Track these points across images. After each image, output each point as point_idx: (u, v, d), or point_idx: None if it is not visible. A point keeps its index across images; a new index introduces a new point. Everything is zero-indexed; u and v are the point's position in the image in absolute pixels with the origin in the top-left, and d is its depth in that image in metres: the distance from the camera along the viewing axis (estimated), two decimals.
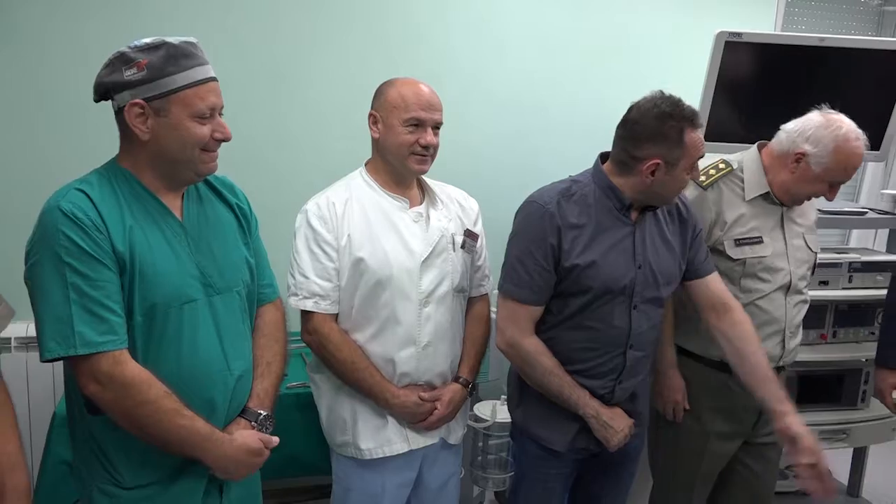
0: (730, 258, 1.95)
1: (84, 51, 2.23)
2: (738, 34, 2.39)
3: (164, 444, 1.32)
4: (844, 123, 1.88)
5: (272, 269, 1.62)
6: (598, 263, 1.68)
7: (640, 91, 3.01)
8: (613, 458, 1.86)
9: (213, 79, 1.33)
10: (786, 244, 1.99)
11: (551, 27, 2.94)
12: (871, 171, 3.72)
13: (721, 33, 2.40)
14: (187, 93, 1.29)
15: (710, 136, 2.39)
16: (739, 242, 1.95)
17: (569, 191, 1.72)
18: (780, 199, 1.98)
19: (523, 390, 1.86)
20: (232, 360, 1.41)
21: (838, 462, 3.11)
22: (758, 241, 1.95)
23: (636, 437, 1.88)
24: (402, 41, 2.74)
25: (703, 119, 2.44)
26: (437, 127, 1.75)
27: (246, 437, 1.41)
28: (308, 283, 1.74)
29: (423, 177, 1.86)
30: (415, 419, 1.80)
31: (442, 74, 2.79)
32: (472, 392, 1.91)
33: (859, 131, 1.88)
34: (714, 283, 1.85)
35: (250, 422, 1.45)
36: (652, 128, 1.61)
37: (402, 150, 1.74)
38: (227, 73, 1.49)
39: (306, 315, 1.77)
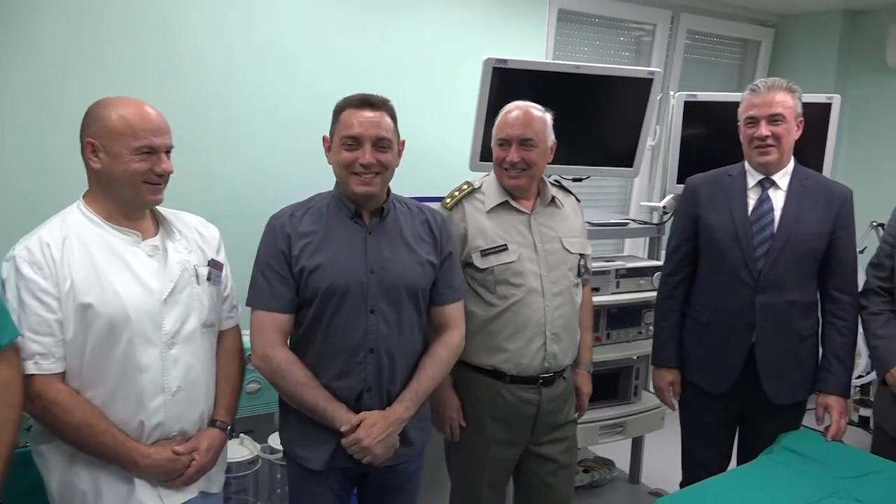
0: (479, 269, 2.04)
1: None
2: (504, 60, 2.55)
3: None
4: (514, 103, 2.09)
5: None
6: (323, 266, 1.74)
7: (425, 111, 3.14)
8: (386, 480, 1.87)
9: None
10: (536, 249, 2.09)
11: (340, 46, 2.96)
12: (638, 186, 4.12)
13: (488, 60, 2.54)
14: None
15: (484, 157, 2.54)
16: (485, 252, 2.04)
17: (307, 204, 1.84)
18: (517, 195, 2.10)
19: (285, 410, 1.83)
20: None
21: (620, 453, 3.40)
22: (503, 248, 2.05)
23: (408, 457, 1.88)
24: (174, 60, 2.61)
25: (477, 140, 2.62)
26: (169, 151, 1.63)
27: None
28: (23, 343, 1.50)
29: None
30: (171, 476, 1.63)
31: (223, 94, 2.73)
32: (232, 433, 1.81)
33: (521, 104, 2.07)
34: (451, 309, 1.93)
35: None
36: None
37: (135, 181, 1.57)
38: None
39: (26, 379, 1.50)
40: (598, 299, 2.77)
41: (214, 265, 1.75)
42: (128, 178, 1.57)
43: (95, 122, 1.56)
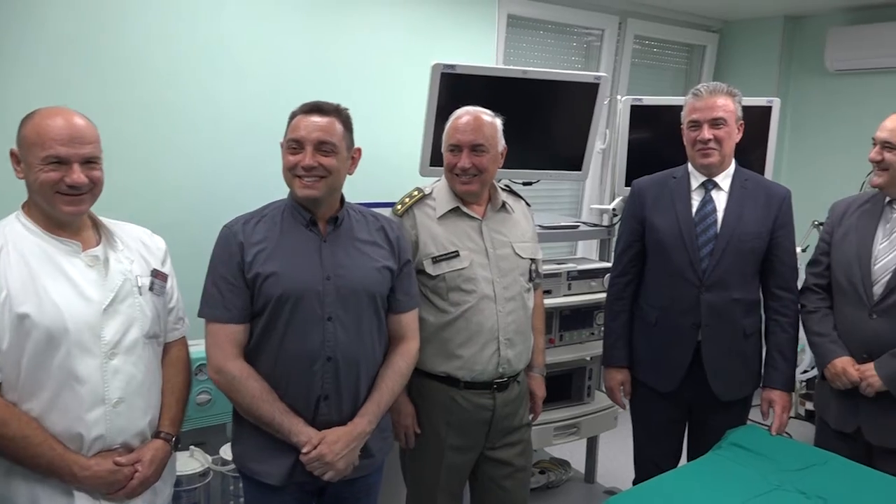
0: (431, 276, 2.04)
1: None
2: (452, 66, 2.56)
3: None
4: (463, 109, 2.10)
5: None
6: (278, 273, 1.73)
7: (375, 116, 3.14)
8: (345, 493, 1.86)
9: None
10: (487, 255, 2.10)
11: (289, 51, 2.94)
12: (589, 189, 4.18)
13: (437, 65, 2.55)
14: None
15: (434, 162, 2.54)
16: (437, 259, 2.05)
17: (261, 213, 1.83)
18: (468, 201, 2.10)
19: (240, 423, 1.80)
20: None
21: (576, 453, 3.44)
22: (454, 255, 2.05)
23: (369, 469, 1.87)
24: (118, 66, 2.56)
25: (427, 146, 2.63)
26: (90, 161, 1.57)
27: None
28: None
29: (101, 217, 1.70)
30: (112, 489, 1.58)
31: (170, 100, 2.69)
32: (178, 446, 1.75)
33: (471, 109, 2.07)
34: (408, 318, 1.94)
35: None
36: None
37: (45, 191, 1.53)
38: None
39: None
40: (550, 301, 2.80)
41: (157, 276, 1.72)
42: (38, 188, 1.54)
43: (19, 132, 1.56)
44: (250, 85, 2.85)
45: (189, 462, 2.35)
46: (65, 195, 1.54)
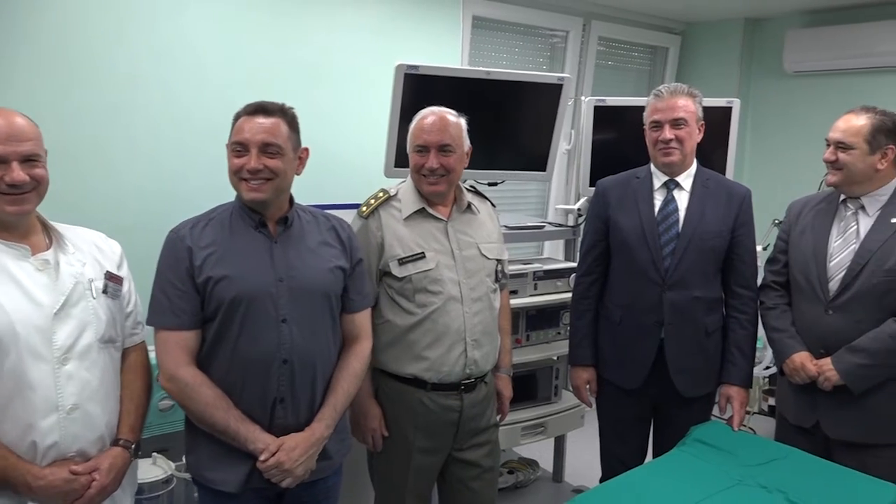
0: (397, 277, 2.04)
1: None
2: (416, 66, 2.55)
3: None
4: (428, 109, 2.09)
5: None
6: (230, 276, 1.71)
7: (339, 117, 3.12)
8: (304, 498, 1.84)
9: None
10: (454, 256, 2.10)
11: (251, 52, 2.91)
12: (556, 190, 4.20)
13: (400, 66, 2.54)
14: None
15: (399, 163, 2.54)
16: (403, 261, 2.04)
17: (208, 216, 1.80)
18: (434, 202, 2.10)
19: (193, 432, 1.77)
20: None
21: (544, 453, 3.45)
22: (420, 256, 2.05)
23: (327, 471, 1.85)
24: (75, 66, 2.51)
25: (392, 146, 2.62)
26: (30, 159, 1.53)
27: None
28: None
29: (54, 222, 1.66)
30: (68, 499, 1.53)
31: (128, 101, 2.65)
32: (138, 453, 1.71)
33: (436, 109, 2.07)
34: (361, 317, 1.93)
35: None
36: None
37: None
38: None
39: None
40: (516, 302, 2.81)
41: (112, 278, 1.68)
42: None
43: None
44: (212, 86, 2.81)
45: (151, 469, 2.32)
46: (6, 195, 1.51)
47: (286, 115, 1.78)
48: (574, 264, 2.91)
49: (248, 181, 1.73)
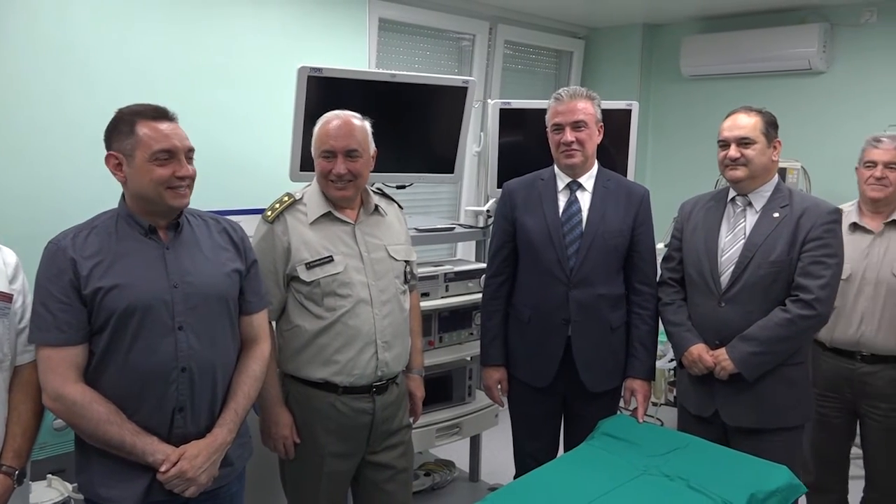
0: (305, 282, 2.01)
1: None
2: (319, 69, 2.52)
3: None
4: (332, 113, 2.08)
5: None
6: (121, 285, 1.64)
7: (242, 121, 3.03)
8: None
9: None
10: (362, 259, 2.08)
11: (146, 53, 2.80)
12: (467, 191, 4.24)
13: (303, 68, 2.50)
14: None
15: (305, 167, 2.50)
16: (311, 265, 2.02)
17: (90, 224, 1.72)
18: (341, 206, 2.08)
19: (83, 449, 1.70)
20: None
21: (460, 453, 3.47)
22: (328, 260, 2.03)
23: (228, 478, 1.81)
24: None
25: (296, 150, 2.58)
26: None
27: None
28: None
29: None
30: None
31: (10, 103, 2.50)
32: (22, 480, 1.62)
33: (340, 113, 2.05)
34: (259, 319, 1.90)
35: None
36: (109, 128, 1.69)
37: None
38: None
39: None
40: (428, 303, 2.81)
41: (1, 297, 1.58)
42: None
43: None
44: (102, 90, 2.68)
45: (47, 492, 2.20)
46: None
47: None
48: (484, 265, 2.94)
49: (176, 189, 1.67)
